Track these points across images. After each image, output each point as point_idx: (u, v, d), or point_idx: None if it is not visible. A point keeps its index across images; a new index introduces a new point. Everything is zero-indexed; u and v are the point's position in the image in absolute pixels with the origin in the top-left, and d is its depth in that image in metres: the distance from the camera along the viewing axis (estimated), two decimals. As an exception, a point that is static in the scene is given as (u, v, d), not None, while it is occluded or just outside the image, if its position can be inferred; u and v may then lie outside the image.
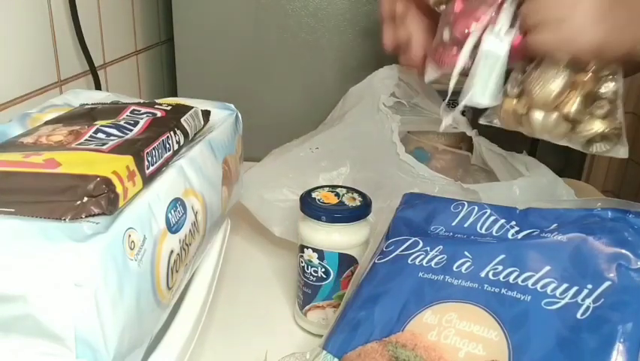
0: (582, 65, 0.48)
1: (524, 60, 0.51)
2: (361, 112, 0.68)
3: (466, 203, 0.46)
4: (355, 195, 0.51)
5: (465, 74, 0.52)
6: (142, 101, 0.51)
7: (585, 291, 0.36)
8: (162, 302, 0.38)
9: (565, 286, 0.37)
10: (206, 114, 0.50)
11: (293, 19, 0.87)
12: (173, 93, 0.96)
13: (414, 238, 0.44)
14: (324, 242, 0.50)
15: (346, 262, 0.50)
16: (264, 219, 0.64)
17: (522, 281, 0.38)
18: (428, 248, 0.43)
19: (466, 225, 0.45)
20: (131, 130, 0.41)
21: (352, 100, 0.71)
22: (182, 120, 0.45)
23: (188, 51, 0.90)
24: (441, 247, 0.42)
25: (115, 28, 0.82)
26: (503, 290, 0.38)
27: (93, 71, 0.71)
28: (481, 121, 0.56)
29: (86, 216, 0.31)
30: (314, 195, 0.51)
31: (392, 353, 0.37)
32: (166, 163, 0.41)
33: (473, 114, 0.68)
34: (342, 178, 0.62)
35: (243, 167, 0.59)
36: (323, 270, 0.50)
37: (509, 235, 0.42)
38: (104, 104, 0.49)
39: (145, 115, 0.45)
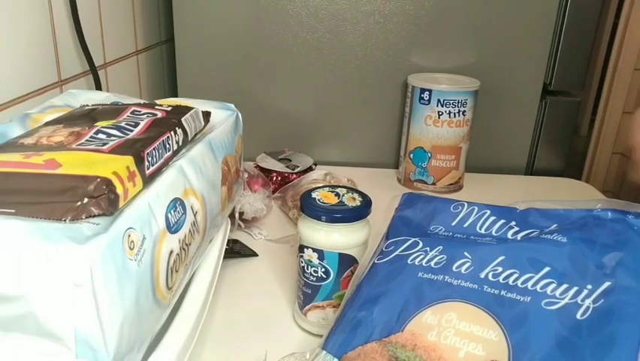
0: None
1: None
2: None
3: (465, 203, 0.46)
4: (355, 195, 0.51)
5: None
6: (142, 102, 0.51)
7: (585, 291, 0.36)
8: (162, 302, 0.38)
9: (565, 286, 0.37)
10: (207, 115, 0.50)
11: (293, 19, 0.87)
12: (174, 93, 0.96)
13: (414, 238, 0.44)
14: (324, 242, 0.50)
15: (346, 262, 0.50)
16: None
17: (522, 283, 0.38)
18: (428, 248, 0.43)
19: (465, 225, 0.45)
20: (131, 131, 0.41)
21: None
22: (182, 120, 0.45)
23: (188, 51, 0.90)
24: (441, 247, 0.42)
25: (115, 28, 0.82)
26: (503, 292, 0.38)
27: (93, 71, 0.71)
28: None
29: (86, 217, 0.31)
30: (314, 195, 0.51)
31: (392, 354, 0.37)
32: (166, 163, 0.41)
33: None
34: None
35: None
36: (323, 270, 0.50)
37: (509, 235, 0.42)
38: (105, 105, 0.49)
39: (145, 116, 0.45)
